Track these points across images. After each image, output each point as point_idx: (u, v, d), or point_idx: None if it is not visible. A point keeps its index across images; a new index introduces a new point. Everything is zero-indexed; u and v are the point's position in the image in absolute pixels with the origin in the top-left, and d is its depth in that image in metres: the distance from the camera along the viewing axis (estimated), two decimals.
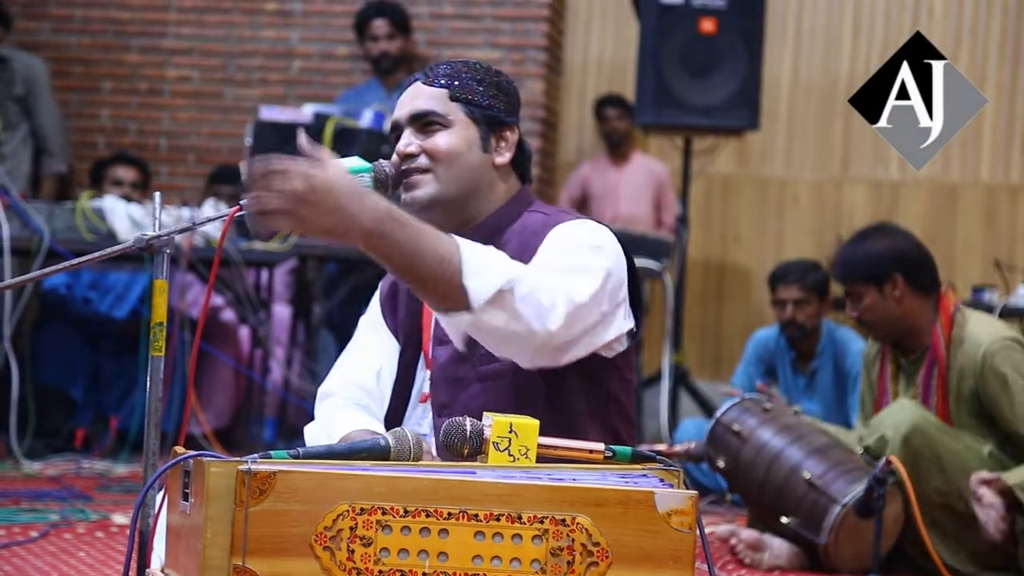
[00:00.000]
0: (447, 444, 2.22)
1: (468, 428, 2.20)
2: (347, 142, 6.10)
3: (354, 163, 2.51)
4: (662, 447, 4.77)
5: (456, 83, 2.60)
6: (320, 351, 6.73)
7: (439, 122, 2.59)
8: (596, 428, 2.51)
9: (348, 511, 1.95)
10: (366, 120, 6.39)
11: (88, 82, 7.92)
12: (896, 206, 7.86)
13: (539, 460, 2.17)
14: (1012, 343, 4.24)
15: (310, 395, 5.93)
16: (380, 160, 2.56)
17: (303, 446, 2.24)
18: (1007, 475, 4.18)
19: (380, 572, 1.96)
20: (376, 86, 7.38)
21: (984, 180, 7.91)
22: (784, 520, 4.37)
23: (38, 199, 6.51)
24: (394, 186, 2.57)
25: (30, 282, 3.31)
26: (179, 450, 2.12)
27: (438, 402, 2.56)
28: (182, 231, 2.45)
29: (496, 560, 1.98)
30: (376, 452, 2.21)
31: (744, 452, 4.50)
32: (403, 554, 1.96)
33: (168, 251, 2.36)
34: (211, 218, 2.58)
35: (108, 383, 6.49)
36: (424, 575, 1.96)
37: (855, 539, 4.22)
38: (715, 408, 5.13)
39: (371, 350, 2.72)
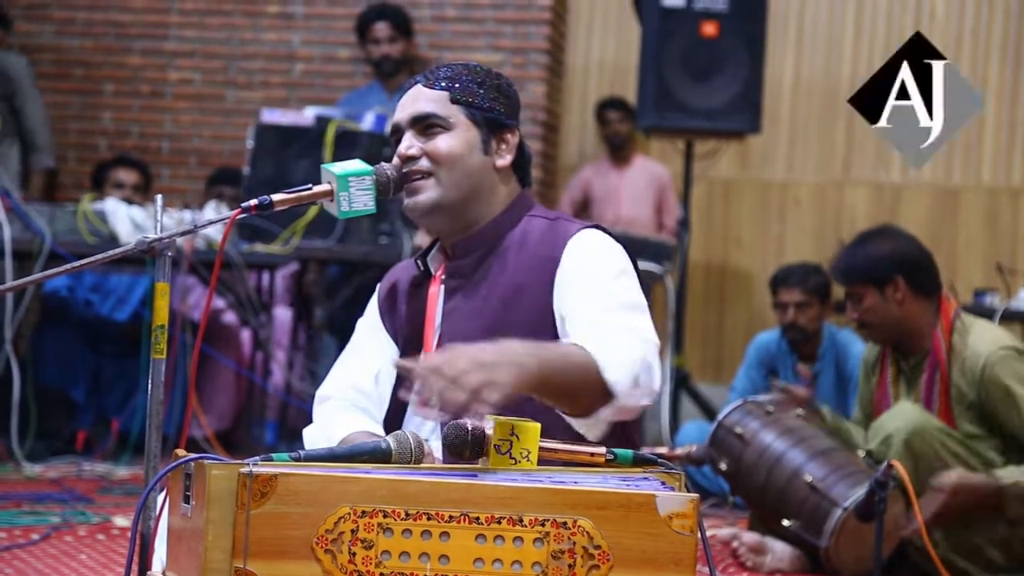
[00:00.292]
0: (449, 446, 2.22)
1: (470, 430, 2.20)
2: (348, 145, 6.10)
3: (355, 166, 2.51)
4: (663, 450, 4.77)
5: (457, 85, 2.60)
6: (321, 354, 6.73)
7: (440, 124, 2.58)
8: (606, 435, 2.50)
9: (349, 514, 1.95)
10: (367, 123, 6.40)
11: (90, 85, 7.92)
12: (898, 209, 7.86)
13: (540, 463, 2.17)
14: (1012, 352, 4.22)
15: (311, 397, 5.92)
16: (381, 163, 2.56)
17: (304, 449, 2.24)
18: (1001, 473, 4.17)
19: (381, 575, 1.96)
20: (378, 89, 7.38)
21: (985, 183, 7.91)
22: (786, 523, 4.37)
23: (28, 195, 6.51)
24: (395, 189, 2.57)
25: (31, 284, 3.31)
26: (180, 452, 2.12)
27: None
28: (184, 234, 2.45)
29: (497, 563, 1.98)
30: (377, 455, 2.21)
31: (746, 455, 4.49)
32: (404, 557, 1.97)
33: (169, 254, 2.36)
34: (213, 221, 2.58)
35: (109, 385, 6.48)
36: None
37: (856, 542, 4.22)
38: (716, 411, 5.13)
39: (370, 353, 2.72)
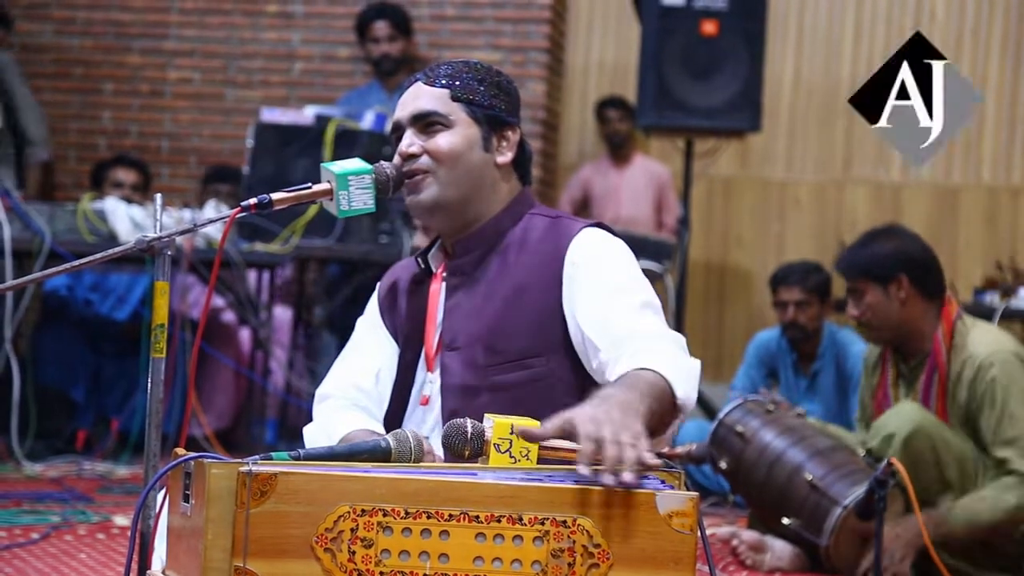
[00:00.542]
0: (448, 445, 2.22)
1: (469, 430, 2.20)
2: (348, 144, 6.10)
3: (355, 165, 2.50)
4: (664, 448, 4.77)
5: (457, 83, 2.60)
6: (321, 353, 6.73)
7: (441, 122, 2.58)
8: None
9: (349, 512, 1.95)
10: (367, 122, 6.40)
11: (90, 84, 7.92)
12: (898, 208, 7.86)
13: (540, 461, 2.17)
14: (1011, 357, 4.20)
15: (311, 396, 5.92)
16: (381, 162, 2.56)
17: (304, 447, 2.24)
18: (954, 506, 4.14)
19: (381, 574, 1.95)
20: (377, 88, 7.38)
21: (985, 182, 7.91)
22: (785, 521, 4.37)
23: (26, 193, 6.51)
24: (395, 188, 2.56)
25: (31, 283, 3.30)
26: (180, 451, 2.12)
27: (447, 409, 2.54)
28: (183, 232, 2.45)
29: (497, 561, 1.97)
30: (377, 454, 2.21)
31: (746, 453, 4.49)
32: (404, 555, 1.96)
33: (169, 253, 2.36)
34: (212, 219, 2.57)
35: (109, 385, 6.48)
36: None
37: (856, 541, 4.21)
38: (717, 410, 5.12)
39: (370, 351, 2.71)
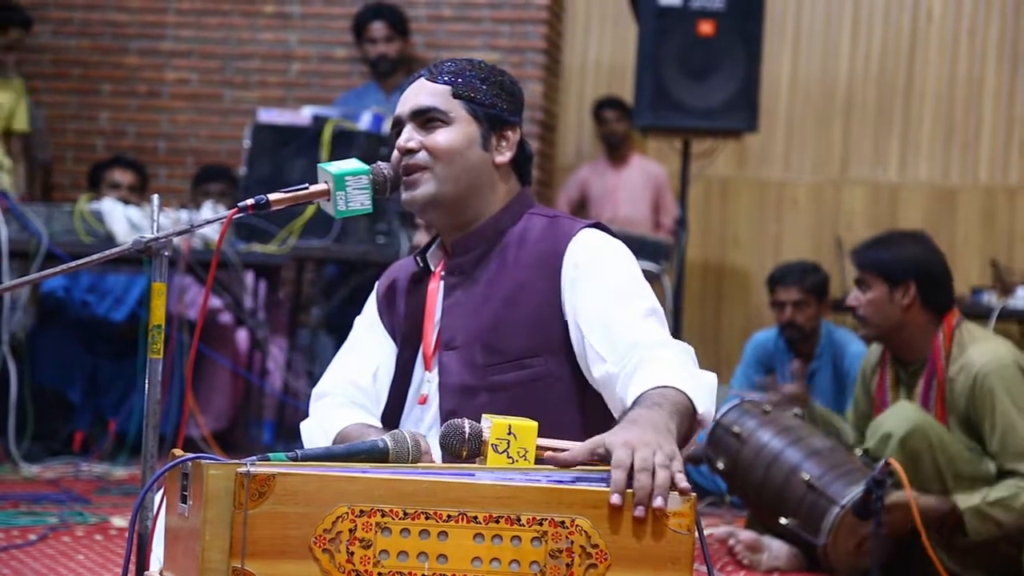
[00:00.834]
0: (446, 446, 2.21)
1: (467, 430, 2.20)
2: (345, 144, 6.10)
3: (353, 165, 2.50)
4: None
5: (459, 80, 2.59)
6: (319, 353, 6.73)
7: (440, 119, 2.57)
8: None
9: (347, 513, 1.95)
10: (364, 122, 6.39)
11: (87, 84, 7.92)
12: (895, 208, 7.86)
13: (538, 462, 2.17)
14: (1010, 367, 4.19)
15: (308, 397, 5.91)
16: (378, 163, 2.56)
17: (301, 447, 2.24)
18: (959, 498, 4.15)
19: (379, 574, 1.95)
20: (374, 88, 7.38)
21: (982, 182, 7.91)
22: (783, 521, 4.37)
23: (27, 195, 6.51)
24: (392, 188, 2.56)
25: (28, 284, 3.30)
26: (177, 452, 2.11)
27: (446, 409, 2.54)
28: (180, 233, 2.45)
29: (495, 562, 1.97)
30: (375, 454, 2.21)
31: (743, 453, 4.49)
32: (402, 556, 1.96)
33: (166, 253, 2.36)
34: (209, 220, 2.56)
35: (106, 386, 6.48)
36: None
37: (854, 540, 4.22)
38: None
39: (368, 350, 2.71)
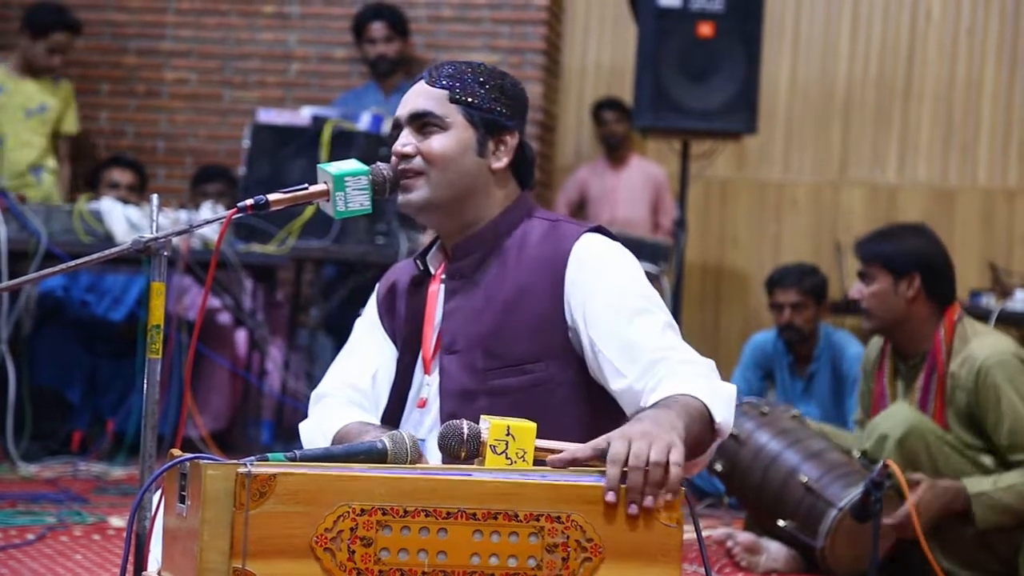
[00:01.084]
0: (444, 447, 2.22)
1: (465, 431, 2.20)
2: (345, 145, 6.10)
3: (352, 166, 2.50)
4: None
5: (458, 84, 2.58)
6: (318, 354, 6.73)
7: (436, 124, 2.57)
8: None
9: (348, 512, 1.96)
10: (364, 123, 6.39)
11: (86, 84, 7.91)
12: (894, 209, 7.86)
13: (536, 463, 2.17)
14: (1012, 359, 4.20)
15: (306, 397, 5.92)
16: (378, 163, 2.56)
17: (300, 448, 2.24)
18: (969, 482, 4.16)
19: (380, 572, 1.96)
20: (374, 89, 7.38)
21: (981, 183, 7.91)
22: (781, 523, 4.37)
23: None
24: (391, 189, 2.56)
25: (27, 284, 3.30)
26: (176, 452, 2.12)
27: (446, 412, 2.53)
28: (179, 233, 2.45)
29: (494, 557, 2.00)
30: (373, 455, 2.21)
31: (741, 455, 4.50)
32: (403, 553, 1.97)
33: (165, 253, 2.36)
34: (209, 220, 2.56)
35: (105, 385, 6.48)
36: (424, 574, 1.97)
37: (852, 543, 4.22)
38: None
39: (367, 352, 2.70)
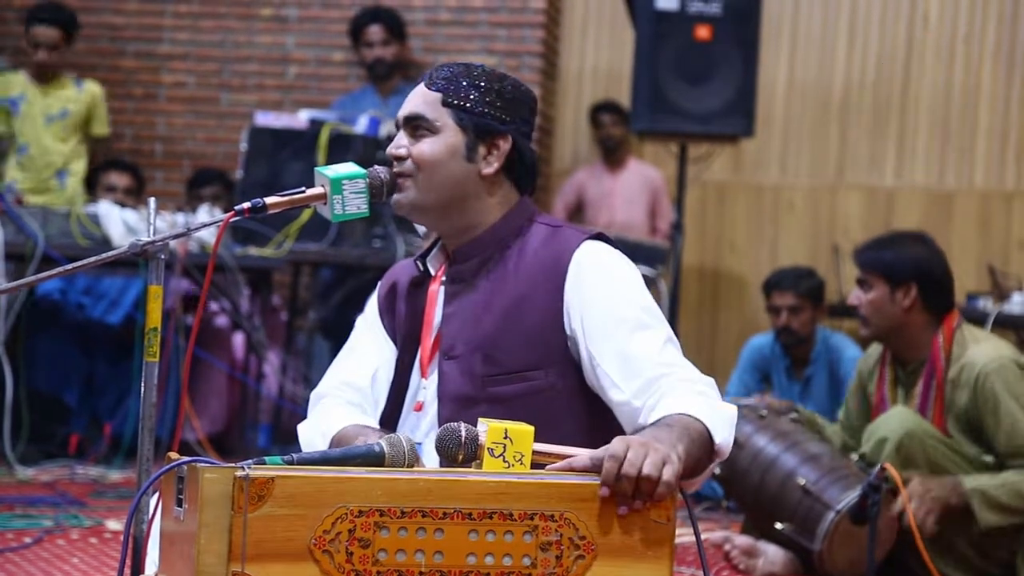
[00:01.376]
0: (441, 449, 2.22)
1: (463, 434, 2.20)
2: (342, 148, 6.10)
3: (349, 169, 2.51)
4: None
5: (451, 88, 2.58)
6: (315, 357, 6.73)
7: (427, 127, 2.57)
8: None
9: (346, 514, 1.96)
10: (361, 126, 6.40)
11: None
12: (891, 213, 7.86)
13: (534, 467, 2.17)
14: (1011, 364, 4.21)
15: (304, 401, 5.92)
16: (375, 166, 2.56)
17: (298, 451, 2.24)
18: (967, 479, 4.16)
19: (378, 573, 1.97)
20: (371, 92, 7.38)
21: (978, 187, 7.92)
22: (779, 526, 4.37)
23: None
24: (389, 192, 2.56)
25: (24, 287, 3.30)
26: (173, 456, 2.12)
27: (444, 418, 2.53)
28: (177, 236, 2.45)
29: (489, 556, 2.02)
30: (371, 458, 2.21)
31: (739, 458, 4.50)
32: (400, 554, 1.99)
33: (162, 257, 2.36)
34: (206, 223, 2.56)
35: (102, 389, 6.48)
36: (421, 574, 1.98)
37: (849, 546, 4.22)
38: None
39: (367, 352, 2.70)
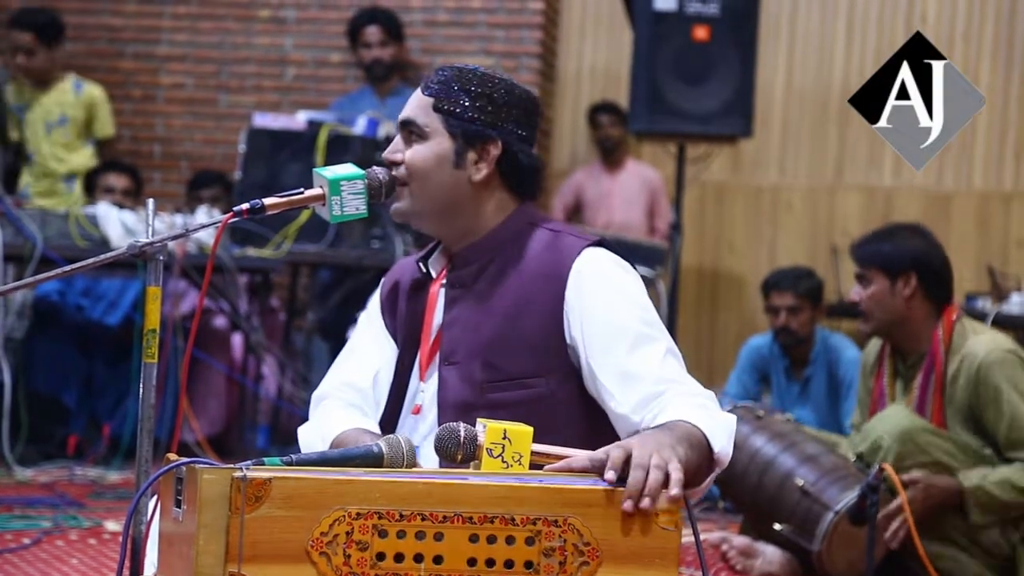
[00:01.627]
0: (440, 449, 2.22)
1: (462, 434, 2.20)
2: (340, 149, 6.10)
3: (348, 170, 2.51)
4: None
5: (443, 92, 2.56)
6: (313, 358, 6.73)
7: (418, 133, 2.56)
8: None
9: (344, 516, 1.95)
10: (359, 127, 6.39)
11: None
12: (890, 213, 7.86)
13: (533, 467, 2.17)
14: (1011, 356, 4.21)
15: (303, 402, 5.92)
16: (373, 168, 2.56)
17: (297, 452, 2.24)
18: (964, 476, 4.16)
19: None
20: (369, 93, 7.38)
21: (977, 187, 7.92)
22: (777, 527, 4.37)
23: (16, 199, 6.49)
24: (387, 193, 2.56)
25: (23, 288, 3.30)
26: (172, 457, 2.12)
27: (443, 422, 2.53)
28: (175, 238, 2.44)
29: (490, 562, 1.99)
30: (369, 459, 2.21)
31: (737, 459, 4.49)
32: (399, 558, 1.97)
33: (161, 258, 2.35)
34: (204, 224, 2.56)
35: (101, 390, 6.47)
36: None
37: (848, 546, 4.22)
38: None
39: (368, 352, 2.70)
